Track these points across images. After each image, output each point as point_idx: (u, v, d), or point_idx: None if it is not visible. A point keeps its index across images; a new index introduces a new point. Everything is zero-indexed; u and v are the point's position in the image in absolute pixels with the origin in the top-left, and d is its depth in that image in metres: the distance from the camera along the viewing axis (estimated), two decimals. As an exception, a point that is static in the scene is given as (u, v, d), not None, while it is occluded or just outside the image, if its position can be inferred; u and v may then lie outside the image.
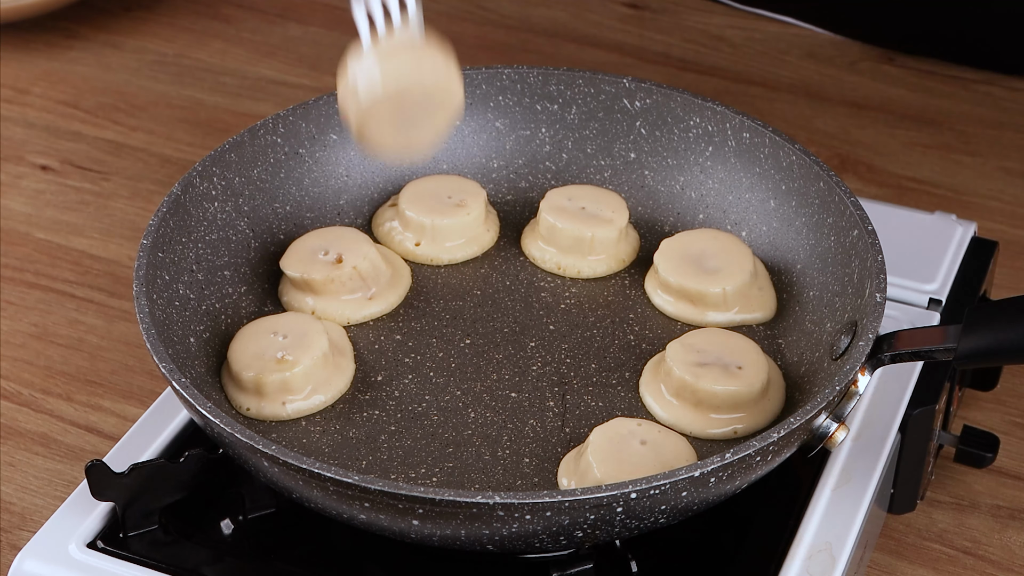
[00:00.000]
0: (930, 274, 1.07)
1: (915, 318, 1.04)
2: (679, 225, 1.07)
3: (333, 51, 1.47)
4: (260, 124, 1.04)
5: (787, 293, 1.01)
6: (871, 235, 0.94)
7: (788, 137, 1.02)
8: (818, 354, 0.95)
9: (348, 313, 1.00)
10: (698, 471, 0.81)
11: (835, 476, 0.94)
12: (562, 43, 1.50)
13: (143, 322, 0.90)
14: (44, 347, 1.17)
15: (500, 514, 0.80)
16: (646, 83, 1.07)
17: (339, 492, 0.81)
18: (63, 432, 1.10)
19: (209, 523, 0.91)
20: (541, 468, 0.91)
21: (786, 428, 0.84)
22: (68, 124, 1.40)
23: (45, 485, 1.06)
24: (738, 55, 1.48)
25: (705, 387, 0.92)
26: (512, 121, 1.09)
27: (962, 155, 1.35)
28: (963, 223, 1.11)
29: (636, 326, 1.01)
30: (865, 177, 1.33)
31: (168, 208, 0.97)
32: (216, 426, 0.84)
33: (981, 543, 1.02)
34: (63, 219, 1.29)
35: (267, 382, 0.93)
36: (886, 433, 0.97)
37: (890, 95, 1.42)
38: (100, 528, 0.91)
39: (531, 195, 1.10)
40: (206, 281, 0.99)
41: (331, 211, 1.07)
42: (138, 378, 1.14)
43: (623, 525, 0.83)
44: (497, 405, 0.95)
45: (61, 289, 1.22)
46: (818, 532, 0.90)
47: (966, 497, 1.05)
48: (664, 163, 1.08)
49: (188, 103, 1.43)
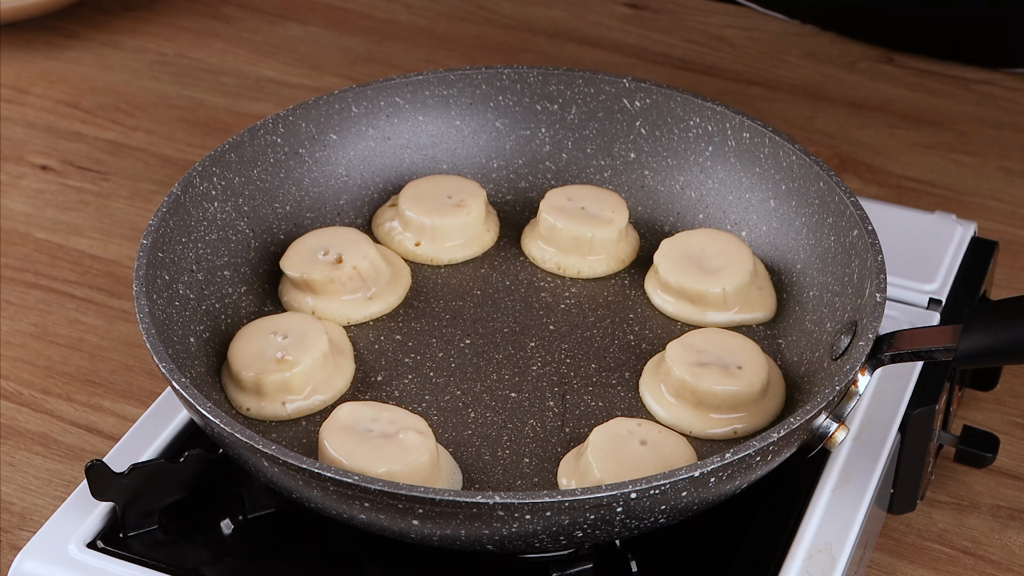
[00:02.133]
0: (930, 274, 1.06)
1: (915, 318, 1.04)
2: (679, 225, 1.07)
3: (333, 51, 1.48)
4: (260, 124, 1.04)
5: (787, 293, 1.01)
6: (871, 235, 0.94)
7: (788, 137, 1.02)
8: (818, 354, 0.95)
9: (348, 313, 1.00)
10: (698, 471, 0.81)
11: (835, 476, 0.94)
12: (562, 43, 1.50)
13: (143, 322, 0.90)
14: (44, 347, 1.17)
15: (500, 514, 0.80)
16: (646, 83, 1.07)
17: (339, 492, 0.81)
18: (63, 432, 1.10)
19: (209, 523, 0.91)
20: (541, 468, 0.91)
21: (786, 428, 0.84)
22: (68, 124, 1.40)
23: (45, 485, 1.05)
24: (738, 55, 1.48)
25: (705, 387, 0.92)
26: (512, 121, 1.09)
27: (962, 155, 1.35)
28: (963, 223, 1.11)
29: (636, 326, 1.00)
30: (865, 177, 1.33)
31: (168, 208, 0.97)
32: (216, 426, 0.84)
33: (981, 543, 1.02)
34: (63, 219, 1.29)
35: (267, 382, 0.93)
36: (886, 433, 0.97)
37: (890, 95, 1.42)
38: (100, 528, 0.91)
39: (531, 195, 1.10)
40: (206, 281, 0.99)
41: (331, 211, 1.07)
42: (138, 378, 1.14)
43: (623, 525, 0.83)
44: (497, 405, 0.95)
45: (61, 289, 1.22)
46: (818, 532, 0.90)
47: (966, 497, 1.05)
48: (664, 163, 1.07)
49: (188, 103, 1.43)
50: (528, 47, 1.49)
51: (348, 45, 1.49)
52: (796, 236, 1.02)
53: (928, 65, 1.46)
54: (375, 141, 1.08)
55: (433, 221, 1.04)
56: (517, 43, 1.49)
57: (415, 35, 1.51)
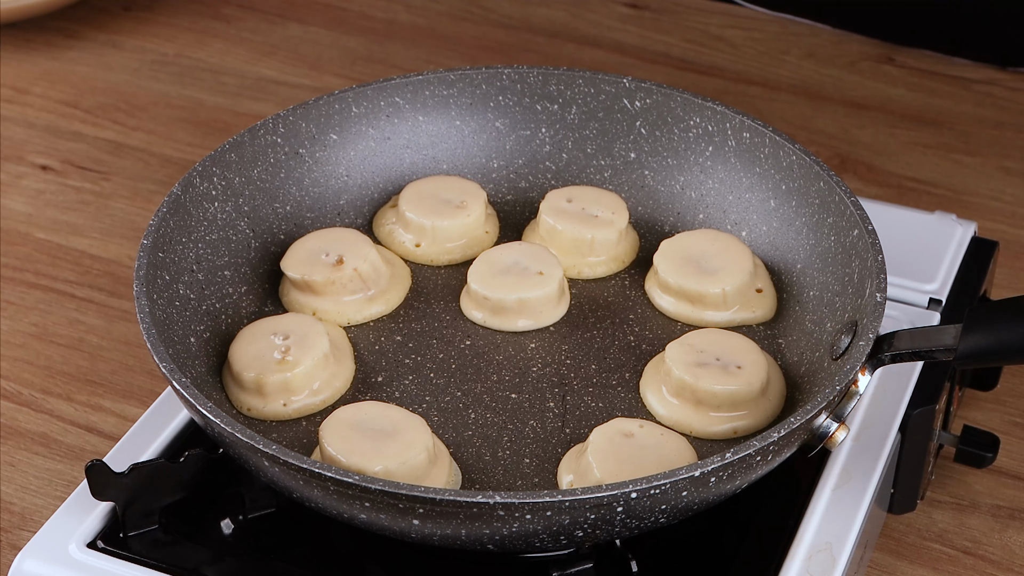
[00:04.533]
0: (930, 274, 1.06)
1: (915, 318, 1.04)
2: (679, 225, 1.07)
3: (333, 51, 1.48)
4: (260, 124, 1.04)
5: (787, 293, 1.01)
6: (871, 235, 0.94)
7: (788, 137, 1.02)
8: (818, 354, 0.95)
9: (348, 314, 1.00)
10: (698, 471, 0.81)
11: (835, 476, 0.94)
12: (562, 43, 1.49)
13: (143, 322, 0.90)
14: (44, 347, 1.16)
15: (500, 513, 0.80)
16: (646, 83, 1.07)
17: (339, 492, 0.81)
18: (63, 432, 1.10)
19: (209, 523, 0.91)
20: (541, 468, 0.91)
21: (786, 428, 0.84)
22: (68, 124, 1.40)
23: (45, 485, 1.05)
24: (738, 55, 1.48)
25: (704, 387, 0.92)
26: (512, 121, 1.09)
27: (962, 155, 1.35)
28: (963, 223, 1.11)
29: (636, 327, 1.00)
30: (865, 177, 1.32)
31: (168, 208, 0.97)
32: (216, 426, 0.84)
33: (981, 543, 1.02)
34: (63, 219, 1.29)
35: (268, 382, 0.93)
36: (886, 433, 0.96)
37: (890, 95, 1.42)
38: (100, 528, 0.91)
39: (531, 195, 1.09)
40: (206, 281, 0.98)
41: (331, 211, 1.07)
42: (138, 378, 1.14)
43: (623, 525, 0.83)
44: (497, 406, 0.95)
45: (61, 289, 1.22)
46: (818, 532, 0.90)
47: (966, 497, 1.05)
48: (664, 163, 1.07)
49: (188, 103, 1.42)
50: (528, 47, 1.49)
51: (348, 45, 1.48)
52: (796, 236, 1.01)
53: (928, 65, 1.46)
54: (375, 141, 1.08)
55: (433, 223, 1.04)
56: (517, 43, 1.49)
57: (415, 35, 1.51)
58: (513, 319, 0.99)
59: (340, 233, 1.02)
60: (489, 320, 1.00)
